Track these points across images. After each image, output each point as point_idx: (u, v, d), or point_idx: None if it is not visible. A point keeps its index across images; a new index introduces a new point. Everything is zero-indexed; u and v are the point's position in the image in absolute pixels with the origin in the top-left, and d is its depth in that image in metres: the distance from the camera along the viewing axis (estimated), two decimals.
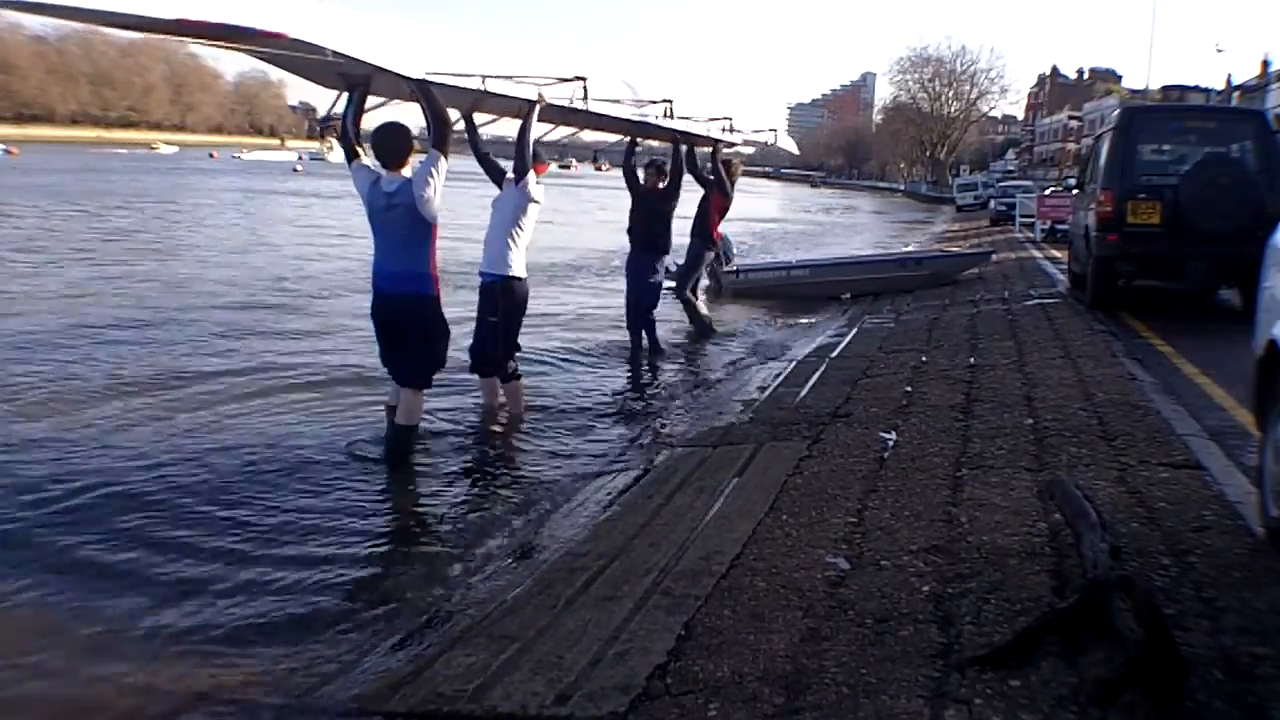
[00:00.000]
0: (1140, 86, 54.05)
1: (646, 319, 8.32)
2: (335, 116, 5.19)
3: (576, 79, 5.72)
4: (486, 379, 6.00)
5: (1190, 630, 2.45)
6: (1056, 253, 15.91)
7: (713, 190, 8.94)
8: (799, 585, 2.94)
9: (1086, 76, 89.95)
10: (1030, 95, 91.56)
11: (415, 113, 5.10)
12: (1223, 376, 5.94)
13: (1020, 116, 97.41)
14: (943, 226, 33.52)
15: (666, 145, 8.57)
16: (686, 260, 9.27)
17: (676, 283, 9.31)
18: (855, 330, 9.12)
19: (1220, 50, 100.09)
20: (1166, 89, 50.13)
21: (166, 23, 3.85)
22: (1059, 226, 18.46)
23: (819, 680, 2.34)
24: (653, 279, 8.26)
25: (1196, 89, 48.13)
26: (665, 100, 7.13)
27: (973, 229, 28.17)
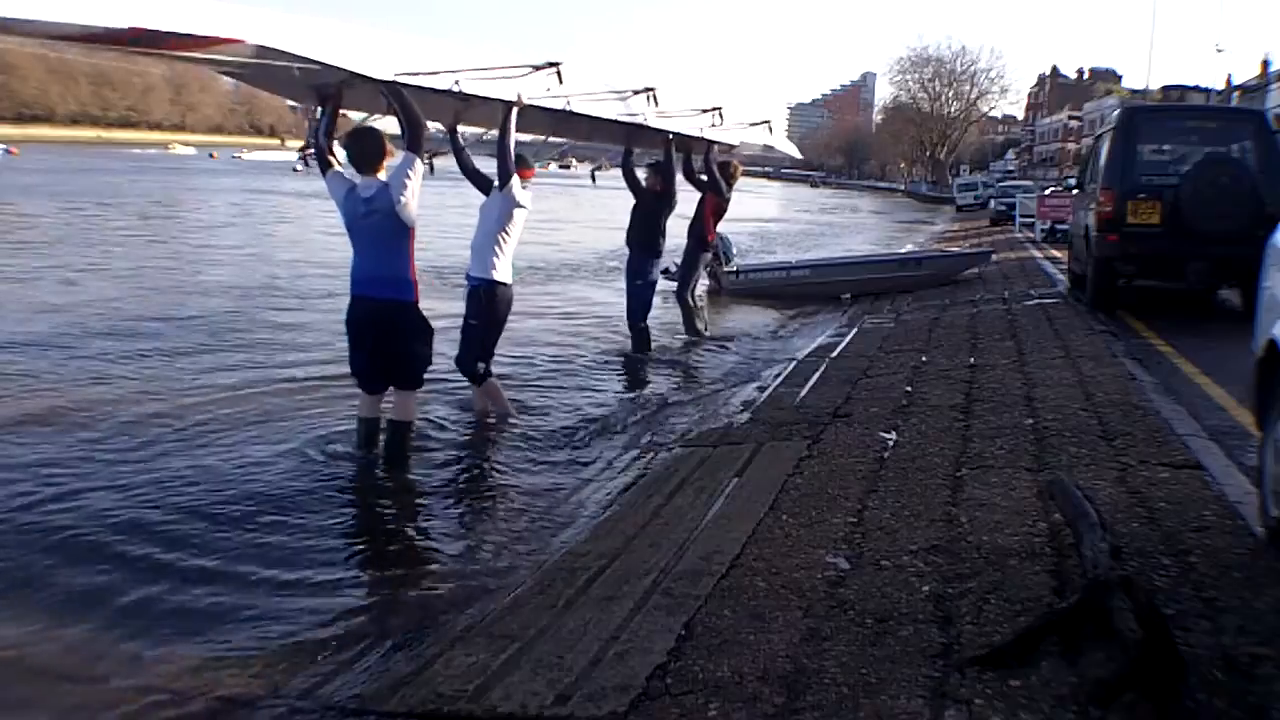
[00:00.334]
0: (1140, 86, 54.14)
1: (643, 319, 8.33)
2: (313, 149, 5.11)
3: (549, 65, 5.61)
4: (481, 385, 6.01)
5: (1190, 630, 2.45)
6: (1056, 253, 15.91)
7: (708, 192, 8.93)
8: (799, 585, 2.94)
9: (1086, 76, 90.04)
10: (1030, 95, 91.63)
11: (393, 123, 5.06)
12: (1223, 376, 5.94)
13: (1020, 116, 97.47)
14: (943, 226, 33.52)
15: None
16: (683, 261, 9.27)
17: (677, 284, 9.31)
18: (855, 330, 9.12)
19: (1220, 50, 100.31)
20: (1166, 89, 50.11)
21: (117, 32, 3.74)
22: (1059, 226, 18.46)
23: (819, 680, 2.34)
24: (648, 280, 8.27)
25: (1196, 89, 48.07)
26: (647, 89, 6.94)
27: (973, 229, 28.17)
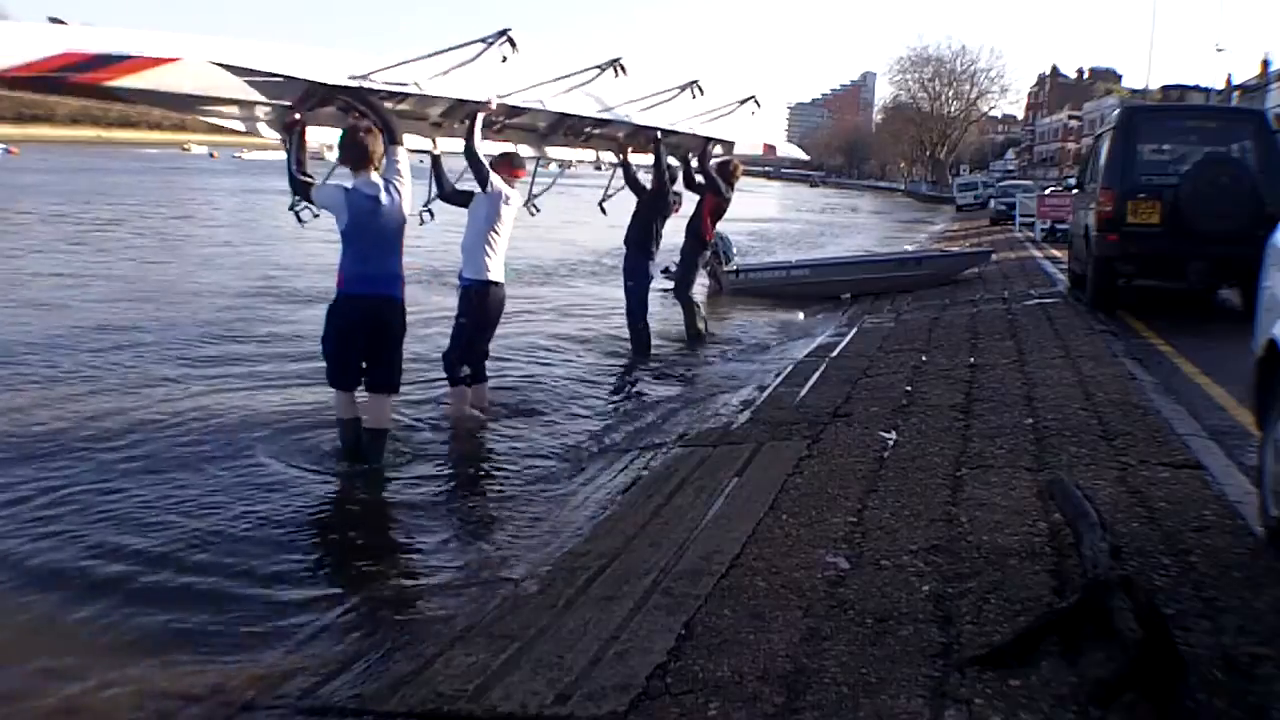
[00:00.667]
0: (1140, 86, 54.09)
1: (641, 318, 8.33)
2: (302, 206, 5.02)
3: (499, 34, 5.35)
4: (474, 384, 6.02)
5: (1190, 630, 2.45)
6: (1056, 253, 15.91)
7: (707, 192, 8.94)
8: (799, 585, 2.94)
9: (1086, 76, 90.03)
10: (1030, 95, 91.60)
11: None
12: (1223, 376, 5.94)
13: (1020, 116, 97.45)
14: (943, 226, 33.52)
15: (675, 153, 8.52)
16: (681, 260, 9.26)
17: (675, 284, 9.30)
18: (855, 330, 9.12)
19: (1220, 50, 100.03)
20: (1166, 89, 50.10)
21: (47, 60, 3.64)
22: (1059, 226, 18.46)
23: (819, 680, 2.34)
24: (643, 279, 8.27)
25: (1196, 89, 48.06)
26: (612, 60, 6.42)
27: (973, 229, 28.16)
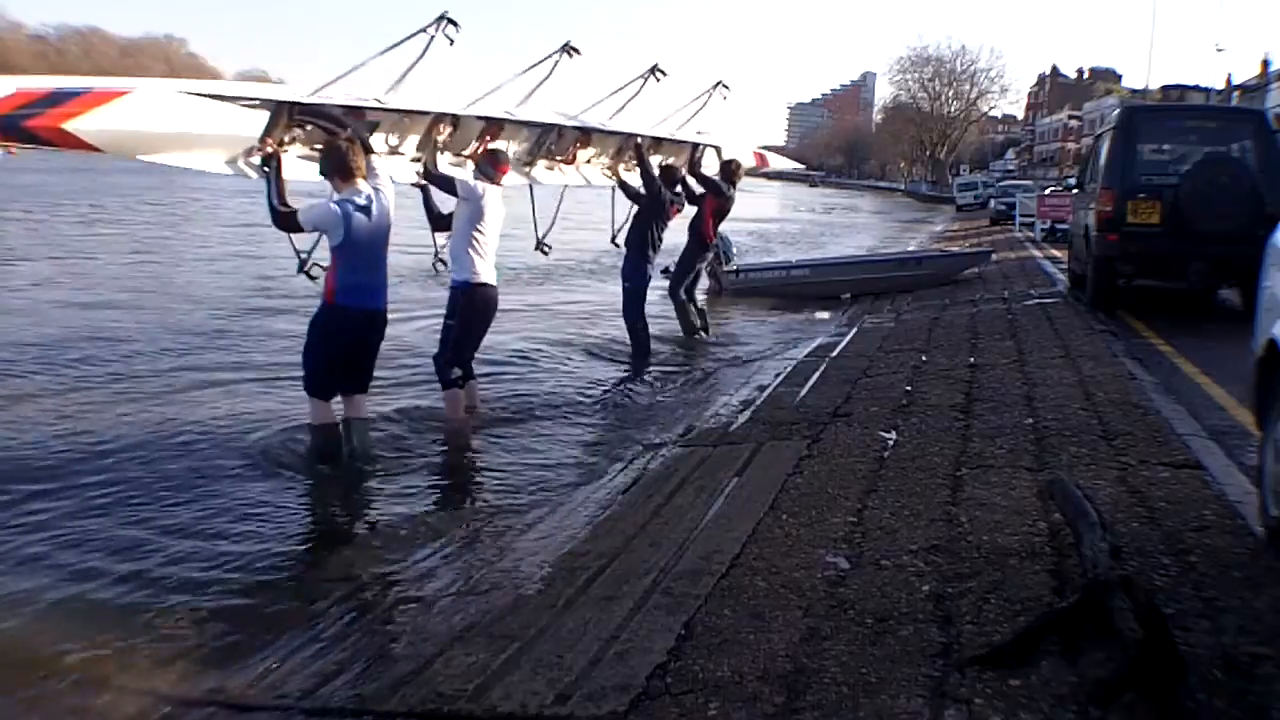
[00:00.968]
0: (1140, 86, 54.07)
1: (639, 319, 8.33)
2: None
3: (438, 20, 5.20)
4: (463, 387, 6.01)
5: (1190, 630, 2.45)
6: (1056, 253, 15.91)
7: (707, 196, 8.96)
8: (799, 585, 2.94)
9: (1086, 76, 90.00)
10: (1030, 95, 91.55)
11: None
12: (1223, 376, 5.94)
13: (1020, 116, 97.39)
14: (943, 226, 33.51)
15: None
16: (679, 261, 9.26)
17: (670, 282, 9.30)
18: (855, 330, 9.12)
19: (1220, 50, 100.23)
20: (1166, 89, 50.10)
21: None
22: (1059, 226, 18.46)
23: (819, 680, 2.34)
24: (639, 280, 8.27)
25: (1196, 89, 48.07)
26: (566, 48, 6.19)
27: (973, 229, 28.16)
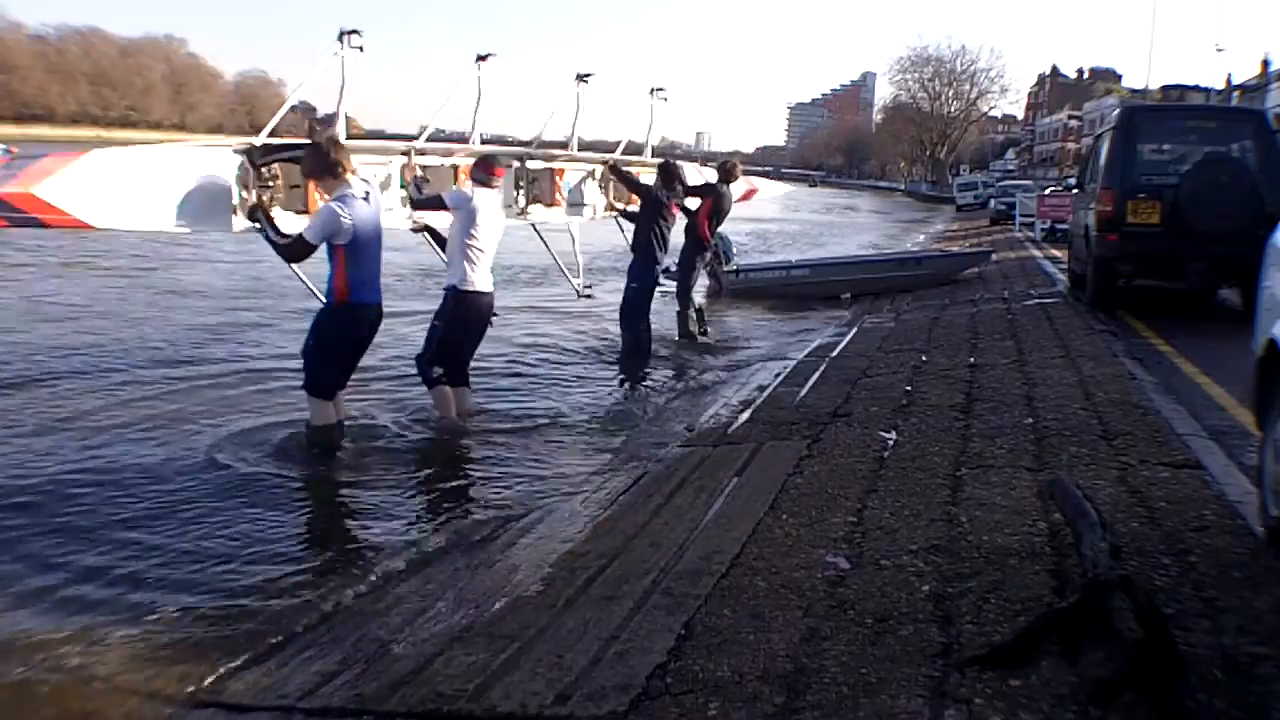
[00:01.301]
0: (1140, 86, 54.08)
1: (641, 321, 8.33)
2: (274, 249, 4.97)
3: (344, 32, 5.30)
4: (455, 388, 6.00)
5: (1190, 630, 2.45)
6: (1056, 253, 15.90)
7: (705, 198, 9.00)
8: (799, 585, 2.93)
9: (1086, 76, 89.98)
10: (1030, 95, 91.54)
11: None
12: (1223, 376, 5.94)
13: (1020, 116, 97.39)
14: (943, 226, 33.53)
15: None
16: (680, 263, 9.27)
17: (676, 284, 9.30)
18: (855, 330, 9.12)
19: (1220, 50, 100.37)
20: (1166, 89, 50.08)
21: None
22: (1059, 226, 18.45)
23: (819, 680, 2.34)
24: (640, 283, 8.29)
25: (1196, 89, 48.06)
26: (485, 54, 6.41)
27: (973, 229, 28.17)
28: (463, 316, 5.77)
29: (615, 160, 8.45)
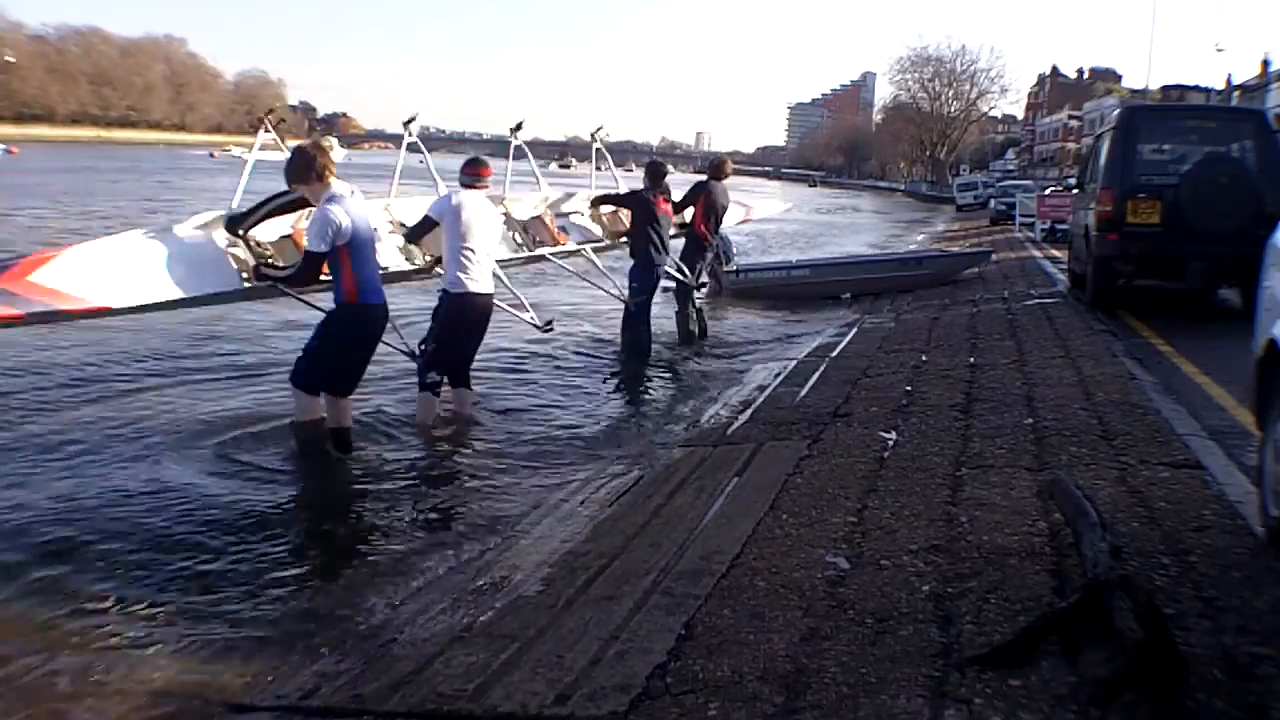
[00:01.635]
0: (1140, 86, 54.12)
1: (641, 322, 8.34)
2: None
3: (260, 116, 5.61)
4: (455, 389, 6.03)
5: (1190, 630, 2.45)
6: (1056, 253, 15.90)
7: (698, 199, 9.03)
8: (799, 585, 2.93)
9: (1086, 76, 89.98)
10: (1030, 95, 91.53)
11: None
12: (1223, 376, 5.94)
13: (1020, 116, 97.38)
14: (943, 226, 33.52)
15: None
16: (678, 266, 9.27)
17: (676, 285, 9.29)
18: (855, 330, 9.12)
19: (1220, 50, 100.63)
20: (1166, 89, 50.08)
21: None
22: (1059, 226, 18.45)
23: (819, 680, 2.34)
24: (639, 285, 8.30)
25: (1196, 89, 48.08)
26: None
27: (973, 229, 28.16)
28: (459, 318, 5.77)
29: (595, 197, 8.61)
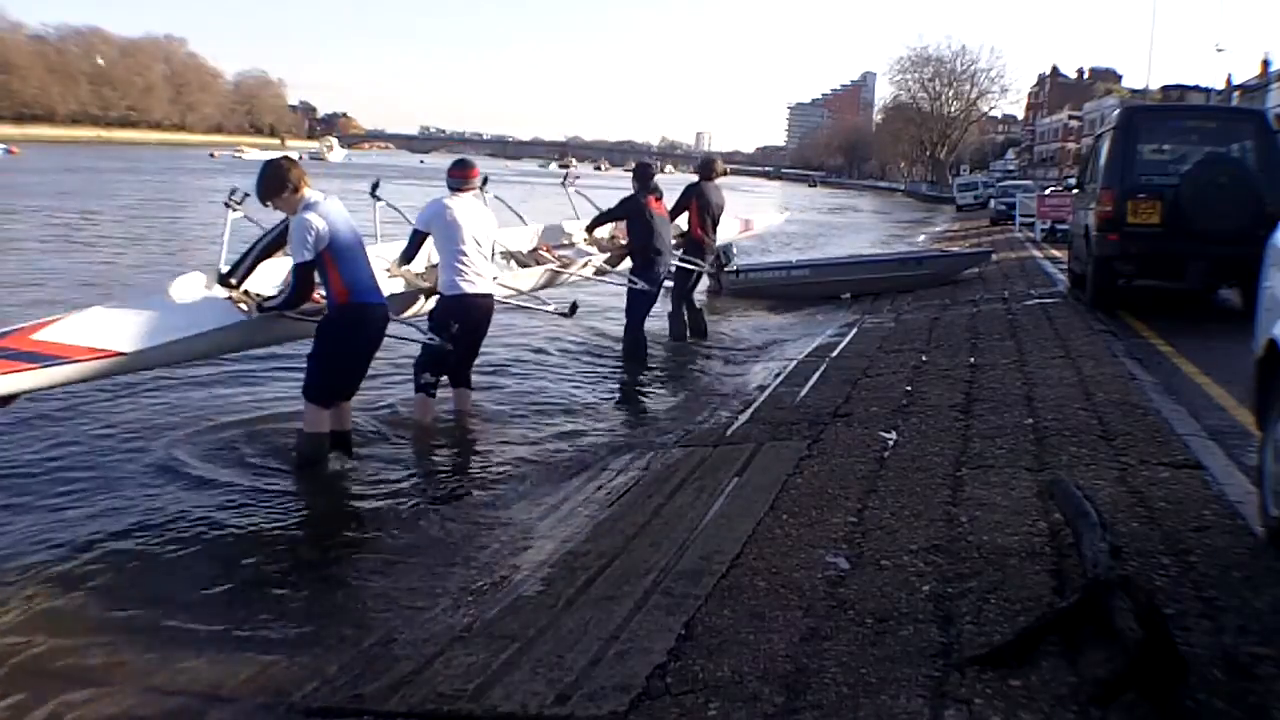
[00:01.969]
0: (1140, 86, 54.10)
1: (640, 323, 8.34)
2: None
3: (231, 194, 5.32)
4: (456, 389, 6.04)
5: (1190, 630, 2.45)
6: (1056, 253, 15.90)
7: (691, 200, 9.03)
8: (799, 585, 2.93)
9: (1086, 76, 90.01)
10: (1030, 95, 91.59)
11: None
12: (1223, 376, 5.94)
13: (1020, 116, 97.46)
14: (943, 226, 33.51)
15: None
16: (677, 267, 9.26)
17: (674, 285, 9.29)
18: (855, 330, 9.12)
19: (1220, 50, 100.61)
20: (1166, 89, 50.10)
21: None
22: (1059, 226, 18.44)
23: (819, 680, 2.34)
24: (640, 286, 8.29)
25: (1196, 89, 48.12)
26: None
27: (973, 229, 28.16)
28: (458, 320, 5.78)
29: (589, 224, 8.47)
